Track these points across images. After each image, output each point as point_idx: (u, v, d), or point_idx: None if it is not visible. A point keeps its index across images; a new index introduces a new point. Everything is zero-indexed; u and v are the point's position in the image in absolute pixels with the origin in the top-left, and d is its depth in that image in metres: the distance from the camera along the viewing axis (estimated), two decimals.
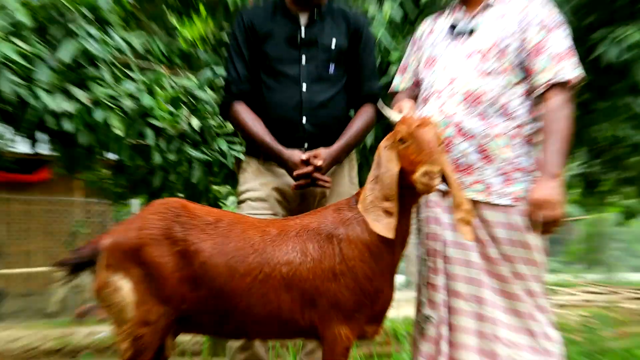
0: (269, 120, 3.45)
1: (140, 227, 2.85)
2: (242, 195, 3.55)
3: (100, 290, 2.84)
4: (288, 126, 3.43)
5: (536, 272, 3.13)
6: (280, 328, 2.86)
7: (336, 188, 3.51)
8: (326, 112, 3.47)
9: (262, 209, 3.46)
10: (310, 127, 3.43)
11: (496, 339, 3.07)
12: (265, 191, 3.49)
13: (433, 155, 2.66)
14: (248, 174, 3.56)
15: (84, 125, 3.84)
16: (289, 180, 3.46)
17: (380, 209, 2.78)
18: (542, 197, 2.93)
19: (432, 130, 2.74)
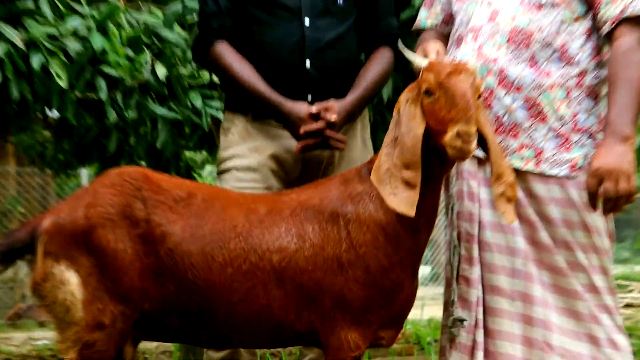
0: (260, 65, 3.44)
1: (90, 204, 2.86)
2: (225, 163, 3.55)
3: (40, 284, 2.85)
4: (286, 72, 3.43)
5: (599, 262, 3.14)
6: (270, 333, 2.88)
7: (346, 153, 3.53)
8: (334, 54, 3.47)
9: (252, 182, 3.46)
10: (315, 73, 3.43)
11: (548, 347, 3.09)
12: (256, 158, 3.49)
13: (469, 112, 2.66)
14: (233, 136, 3.55)
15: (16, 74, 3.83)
16: (287, 144, 3.46)
17: (399, 179, 2.78)
18: (607, 165, 2.93)
19: (468, 79, 2.73)
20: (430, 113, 2.74)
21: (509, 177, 2.83)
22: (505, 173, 2.83)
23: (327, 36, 3.45)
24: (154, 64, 4.13)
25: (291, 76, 3.43)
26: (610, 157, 2.93)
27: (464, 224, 3.21)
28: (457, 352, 3.18)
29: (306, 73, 3.43)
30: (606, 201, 2.94)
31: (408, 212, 2.75)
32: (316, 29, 3.44)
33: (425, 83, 2.77)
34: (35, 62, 3.78)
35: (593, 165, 2.95)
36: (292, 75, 3.43)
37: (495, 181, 2.82)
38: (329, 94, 3.43)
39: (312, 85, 3.44)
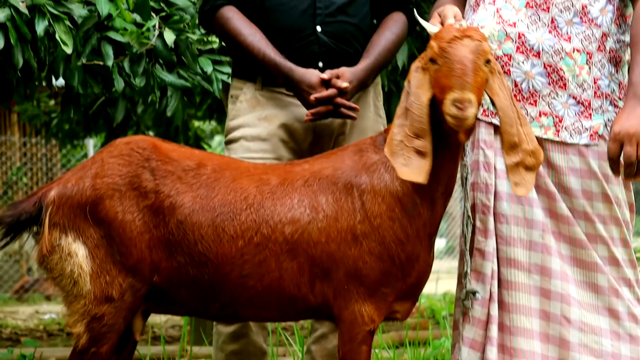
0: (269, 31, 3.42)
1: (98, 174, 2.86)
2: (233, 132, 3.54)
3: (46, 257, 2.86)
4: (296, 38, 3.41)
5: (620, 234, 3.13)
6: (282, 306, 2.89)
7: (358, 122, 3.51)
8: (346, 19, 3.45)
9: (261, 152, 3.45)
10: (326, 39, 3.41)
11: (566, 321, 3.09)
12: (265, 128, 3.48)
13: (464, 78, 2.65)
14: (241, 104, 3.54)
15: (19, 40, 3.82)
16: (298, 112, 3.44)
17: (411, 149, 2.77)
18: (628, 129, 2.91)
19: (472, 44, 2.72)
20: (436, 81, 2.74)
21: (528, 145, 2.81)
22: (523, 141, 2.81)
23: (339, 1, 3.43)
24: (162, 30, 4.11)
25: (301, 42, 3.42)
26: (631, 121, 2.91)
27: (479, 194, 3.20)
28: (470, 325, 3.18)
29: (317, 38, 3.41)
30: (627, 166, 2.92)
31: (419, 179, 2.75)
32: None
33: (430, 50, 2.77)
34: (39, 28, 3.77)
35: (614, 129, 2.93)
36: (303, 42, 3.42)
37: (509, 150, 2.81)
38: (340, 61, 3.41)
39: (323, 51, 3.42)
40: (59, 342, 7.27)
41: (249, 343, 3.50)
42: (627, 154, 2.89)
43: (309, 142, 3.50)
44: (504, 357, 3.12)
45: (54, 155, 12.93)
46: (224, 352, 3.52)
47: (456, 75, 2.65)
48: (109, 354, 2.86)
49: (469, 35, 2.74)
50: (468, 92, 2.63)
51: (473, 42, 2.72)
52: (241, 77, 3.57)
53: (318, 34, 3.41)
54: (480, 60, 2.72)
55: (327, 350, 3.60)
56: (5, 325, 8.36)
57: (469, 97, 2.62)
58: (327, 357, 3.59)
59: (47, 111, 8.16)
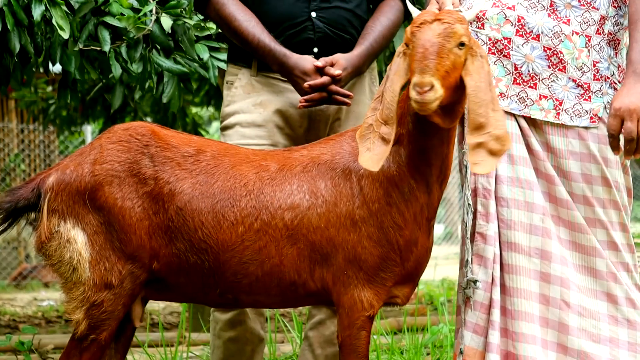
0: (264, 16, 3.42)
1: (97, 160, 2.86)
2: (229, 119, 3.54)
3: (45, 243, 2.86)
4: (291, 24, 3.42)
5: (619, 219, 3.14)
6: (282, 292, 2.89)
7: (354, 108, 3.51)
8: (342, 4, 3.45)
9: (257, 138, 3.46)
10: (321, 25, 3.42)
11: (566, 305, 3.10)
12: (261, 114, 3.48)
13: (424, 62, 2.62)
14: (236, 90, 3.54)
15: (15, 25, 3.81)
16: (293, 98, 3.45)
17: (377, 134, 2.77)
18: (628, 105, 2.91)
19: (438, 27, 2.68)
20: (410, 66, 2.72)
21: (495, 129, 2.75)
22: (491, 125, 2.75)
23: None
24: (159, 15, 4.10)
25: (296, 29, 3.42)
26: (632, 97, 2.91)
27: (480, 179, 3.20)
28: (473, 310, 3.18)
29: (312, 25, 3.42)
30: (627, 142, 2.91)
31: (371, 167, 2.74)
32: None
33: (405, 36, 2.75)
34: (36, 13, 3.75)
35: (614, 106, 2.93)
36: (297, 28, 3.42)
37: (473, 130, 2.73)
38: (336, 47, 3.42)
39: (319, 37, 3.43)
40: (57, 329, 7.28)
41: (246, 329, 3.51)
42: (628, 130, 2.89)
43: (304, 128, 3.51)
44: (507, 341, 3.13)
45: (52, 141, 12.92)
46: (221, 339, 3.54)
47: (417, 59, 2.63)
48: (108, 340, 2.87)
49: (439, 18, 2.70)
50: (427, 76, 2.60)
51: (442, 24, 2.68)
52: (236, 62, 3.57)
53: (313, 20, 3.41)
54: (449, 44, 2.67)
55: (324, 337, 3.61)
56: (4, 312, 8.37)
57: (428, 81, 2.59)
58: (325, 343, 3.60)
59: (44, 98, 8.14)
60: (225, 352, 3.55)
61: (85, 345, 2.85)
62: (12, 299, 9.82)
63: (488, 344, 3.11)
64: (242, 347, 3.52)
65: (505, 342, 3.13)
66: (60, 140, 12.87)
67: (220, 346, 3.55)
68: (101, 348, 2.86)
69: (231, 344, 3.53)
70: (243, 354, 3.53)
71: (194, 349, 5.41)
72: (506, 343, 3.13)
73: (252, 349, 3.55)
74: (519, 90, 3.11)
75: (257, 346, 3.56)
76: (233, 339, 3.52)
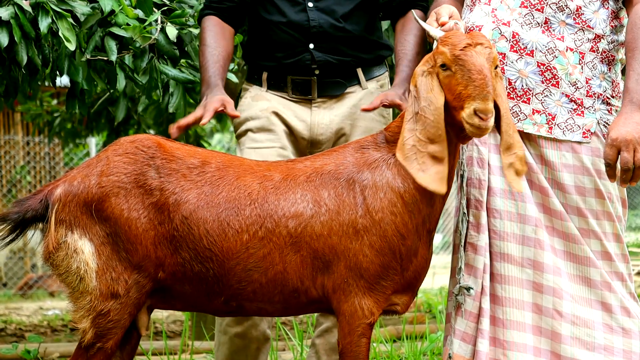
0: (267, 43, 3.51)
1: (103, 172, 2.87)
2: (241, 127, 3.60)
3: (53, 253, 2.87)
4: (291, 53, 3.48)
5: (612, 229, 3.14)
6: (284, 299, 2.90)
7: (362, 123, 3.56)
8: (343, 34, 3.47)
9: (268, 142, 3.51)
10: (320, 55, 3.46)
11: (558, 315, 3.10)
12: (268, 119, 3.53)
13: (486, 89, 2.68)
14: (246, 100, 3.62)
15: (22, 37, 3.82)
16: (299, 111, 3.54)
17: (426, 154, 2.79)
18: (625, 135, 2.91)
19: (484, 51, 2.75)
20: (447, 87, 2.77)
21: (519, 150, 2.85)
22: (515, 145, 2.85)
23: (334, 14, 3.46)
24: (164, 25, 4.11)
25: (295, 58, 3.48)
26: (628, 127, 2.92)
27: (472, 190, 3.21)
28: (462, 318, 3.19)
29: (312, 56, 3.46)
30: (624, 171, 2.92)
31: (439, 189, 2.78)
32: (321, 7, 3.46)
33: (440, 56, 2.78)
34: (42, 25, 3.77)
35: (611, 135, 2.93)
36: (297, 57, 3.48)
37: (505, 151, 2.84)
38: (337, 70, 3.48)
39: (320, 63, 3.47)
40: (62, 338, 7.27)
41: (252, 326, 3.50)
42: (624, 160, 2.90)
43: (307, 141, 3.55)
44: (496, 350, 3.14)
45: (57, 154, 12.92)
46: (227, 335, 3.52)
47: (477, 85, 2.69)
48: (114, 348, 2.87)
49: (480, 42, 2.76)
50: (489, 102, 2.68)
51: (485, 49, 2.76)
52: (250, 80, 3.65)
53: (312, 51, 3.45)
54: (492, 68, 2.76)
55: (330, 344, 3.61)
56: (10, 321, 8.36)
57: (491, 108, 2.68)
58: (331, 350, 3.61)
59: (49, 111, 8.16)
60: (231, 348, 3.52)
61: (91, 354, 2.86)
62: (18, 308, 9.81)
63: (477, 352, 3.12)
64: (248, 344, 3.51)
65: (494, 350, 3.14)
66: (65, 153, 12.86)
67: (226, 342, 3.53)
68: (107, 356, 2.87)
69: (237, 340, 3.51)
70: (249, 351, 3.52)
71: (196, 357, 5.41)
72: (495, 352, 3.14)
73: (258, 347, 3.53)
74: (512, 104, 3.12)
75: (262, 345, 3.55)
76: (240, 334, 3.50)
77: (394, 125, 2.97)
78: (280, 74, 3.53)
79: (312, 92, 3.52)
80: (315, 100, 3.52)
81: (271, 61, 3.53)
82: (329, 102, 3.53)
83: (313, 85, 3.51)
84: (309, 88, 3.51)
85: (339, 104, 3.52)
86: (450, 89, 2.75)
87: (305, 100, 3.53)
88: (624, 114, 2.95)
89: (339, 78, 3.52)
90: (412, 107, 2.85)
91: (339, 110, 3.53)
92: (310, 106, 3.53)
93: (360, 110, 3.47)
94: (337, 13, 3.47)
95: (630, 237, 16.52)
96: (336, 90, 3.53)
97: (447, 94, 2.78)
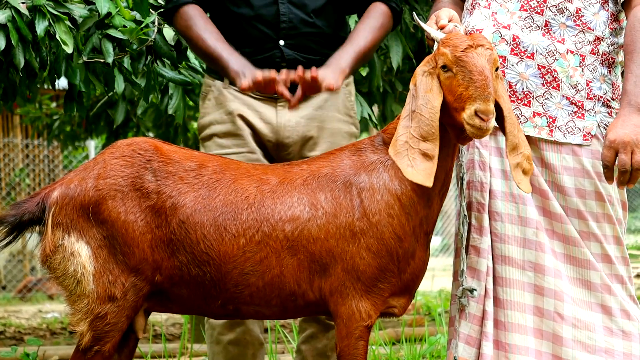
0: (235, 39, 3.40)
1: (100, 175, 2.87)
2: (206, 130, 3.52)
3: (50, 257, 2.86)
4: (260, 49, 3.40)
5: (612, 232, 3.14)
6: (281, 303, 2.90)
7: (328, 125, 3.50)
8: (313, 30, 3.42)
9: (235, 147, 3.43)
10: (290, 52, 3.40)
11: (559, 317, 3.10)
12: (234, 124, 3.46)
13: (486, 90, 2.69)
14: (210, 101, 3.52)
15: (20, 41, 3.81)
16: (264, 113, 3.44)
17: (417, 151, 2.79)
18: (623, 137, 2.91)
19: (485, 53, 2.76)
20: (448, 88, 2.78)
21: (525, 149, 2.86)
22: (521, 145, 2.86)
23: (304, 9, 3.40)
24: (161, 26, 4.10)
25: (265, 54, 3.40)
26: (626, 129, 2.92)
27: (474, 193, 3.21)
28: (466, 322, 3.18)
29: (282, 53, 3.39)
30: (622, 173, 2.93)
31: (425, 182, 2.78)
32: (291, 4, 3.39)
33: (442, 58, 2.79)
34: (39, 28, 3.76)
35: (609, 137, 2.94)
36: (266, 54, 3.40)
37: (511, 152, 2.85)
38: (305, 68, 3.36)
39: (289, 60, 3.39)
40: (61, 341, 7.27)
41: (245, 331, 3.48)
42: (622, 162, 2.90)
43: (273, 143, 3.47)
44: (499, 353, 3.13)
45: (56, 156, 12.93)
46: (220, 344, 3.50)
47: (478, 87, 2.70)
48: (111, 351, 2.87)
49: (481, 44, 2.78)
50: (490, 103, 2.69)
51: (486, 51, 2.77)
52: (211, 73, 3.55)
53: (281, 48, 3.39)
54: (493, 69, 2.78)
55: (317, 350, 3.58)
56: (9, 324, 8.36)
57: (492, 109, 2.69)
58: (318, 356, 3.57)
59: (48, 113, 8.15)
60: (227, 357, 3.49)
61: (89, 357, 2.85)
62: (17, 311, 9.81)
63: (481, 355, 3.12)
64: (243, 350, 3.48)
65: (497, 353, 3.13)
66: (64, 155, 12.87)
67: (220, 352, 3.50)
68: (105, 359, 2.86)
69: (232, 347, 3.49)
70: (245, 357, 3.49)
71: (195, 359, 5.40)
72: (498, 355, 3.13)
73: (253, 353, 3.51)
74: (513, 107, 3.11)
75: (257, 350, 3.52)
76: (233, 341, 3.48)
77: (392, 127, 2.97)
78: None
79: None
80: (280, 100, 3.42)
81: None
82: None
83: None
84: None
85: (305, 104, 3.43)
86: (451, 90, 2.76)
87: (270, 99, 3.44)
88: (622, 116, 2.95)
89: None
90: (409, 105, 2.86)
91: (305, 111, 3.44)
92: (276, 105, 3.44)
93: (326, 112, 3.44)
94: (308, 7, 3.40)
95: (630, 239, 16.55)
96: None
97: (447, 95, 2.78)
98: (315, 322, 3.54)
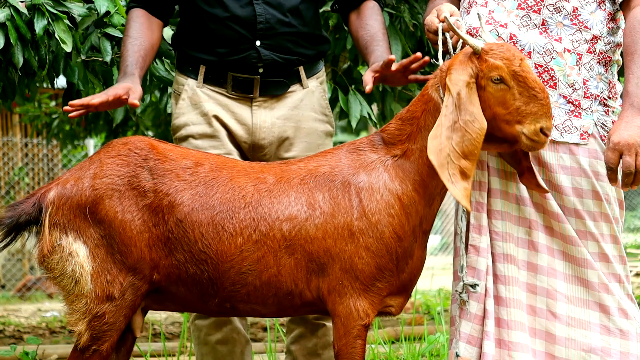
0: (210, 39, 3.39)
1: (96, 174, 2.86)
2: (180, 131, 3.50)
3: (47, 257, 2.86)
4: (236, 50, 3.38)
5: (610, 231, 3.13)
6: (278, 302, 2.90)
7: (304, 124, 3.49)
8: (289, 29, 3.40)
9: (211, 148, 3.40)
10: (267, 52, 3.38)
11: (552, 316, 3.10)
12: (210, 125, 3.44)
13: (550, 108, 2.80)
14: (183, 102, 3.49)
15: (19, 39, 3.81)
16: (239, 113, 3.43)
17: (456, 167, 2.79)
18: (626, 139, 2.90)
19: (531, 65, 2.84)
20: (498, 100, 2.81)
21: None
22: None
23: (281, 8, 3.37)
24: None
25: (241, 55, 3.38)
26: (630, 130, 2.91)
27: (473, 192, 3.20)
28: (467, 321, 3.18)
29: (258, 54, 3.37)
30: (626, 175, 2.91)
31: (463, 202, 2.79)
32: (267, 4, 3.36)
33: (495, 70, 2.80)
34: (38, 27, 3.76)
35: (612, 139, 2.92)
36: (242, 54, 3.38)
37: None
38: (282, 69, 3.40)
39: (266, 61, 3.38)
40: (60, 340, 7.26)
41: (233, 330, 3.47)
42: (627, 164, 2.89)
43: (249, 145, 3.47)
44: (502, 351, 3.13)
45: (55, 155, 12.92)
46: (209, 345, 3.48)
47: (544, 104, 2.79)
48: (109, 350, 2.87)
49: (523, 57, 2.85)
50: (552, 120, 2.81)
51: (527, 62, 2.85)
52: (183, 71, 3.51)
53: (258, 48, 3.37)
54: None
55: (307, 349, 3.57)
56: (8, 323, 8.35)
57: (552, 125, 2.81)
58: (309, 355, 3.57)
59: (47, 112, 8.16)
60: (216, 356, 3.48)
61: (87, 356, 2.86)
62: (16, 310, 9.81)
63: (483, 354, 3.11)
64: (232, 349, 3.47)
65: (499, 352, 3.13)
66: (63, 154, 12.87)
67: (208, 352, 3.49)
68: (103, 358, 2.87)
69: (220, 347, 3.47)
70: (234, 355, 3.48)
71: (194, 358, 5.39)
72: (500, 353, 3.13)
73: (242, 351, 3.50)
74: None
75: (245, 347, 3.51)
76: (221, 340, 3.47)
77: (392, 127, 2.96)
78: (221, 70, 3.41)
79: (253, 91, 3.41)
80: (256, 99, 3.42)
81: (211, 55, 3.41)
82: (269, 102, 3.44)
83: (256, 84, 3.40)
84: (251, 87, 3.40)
85: (279, 103, 3.43)
86: (504, 103, 2.79)
87: (245, 99, 3.43)
88: (625, 117, 2.94)
89: (282, 77, 3.43)
90: (451, 114, 2.81)
91: (280, 112, 3.44)
92: (251, 105, 3.43)
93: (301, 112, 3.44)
94: (284, 7, 3.37)
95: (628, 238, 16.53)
96: (279, 90, 3.44)
97: (496, 107, 2.81)
98: (302, 322, 3.54)
